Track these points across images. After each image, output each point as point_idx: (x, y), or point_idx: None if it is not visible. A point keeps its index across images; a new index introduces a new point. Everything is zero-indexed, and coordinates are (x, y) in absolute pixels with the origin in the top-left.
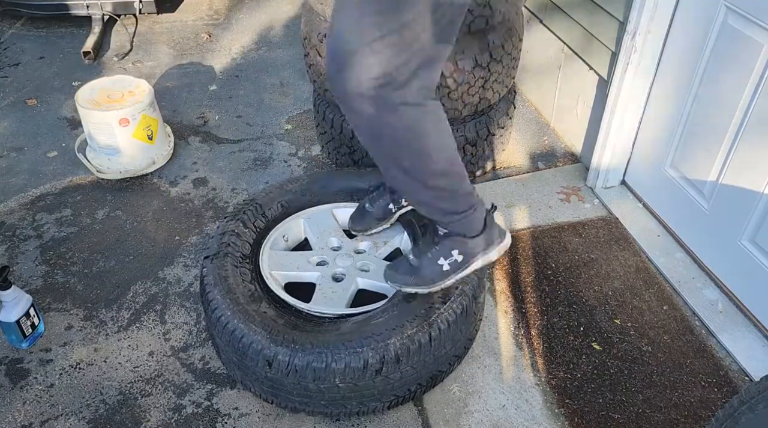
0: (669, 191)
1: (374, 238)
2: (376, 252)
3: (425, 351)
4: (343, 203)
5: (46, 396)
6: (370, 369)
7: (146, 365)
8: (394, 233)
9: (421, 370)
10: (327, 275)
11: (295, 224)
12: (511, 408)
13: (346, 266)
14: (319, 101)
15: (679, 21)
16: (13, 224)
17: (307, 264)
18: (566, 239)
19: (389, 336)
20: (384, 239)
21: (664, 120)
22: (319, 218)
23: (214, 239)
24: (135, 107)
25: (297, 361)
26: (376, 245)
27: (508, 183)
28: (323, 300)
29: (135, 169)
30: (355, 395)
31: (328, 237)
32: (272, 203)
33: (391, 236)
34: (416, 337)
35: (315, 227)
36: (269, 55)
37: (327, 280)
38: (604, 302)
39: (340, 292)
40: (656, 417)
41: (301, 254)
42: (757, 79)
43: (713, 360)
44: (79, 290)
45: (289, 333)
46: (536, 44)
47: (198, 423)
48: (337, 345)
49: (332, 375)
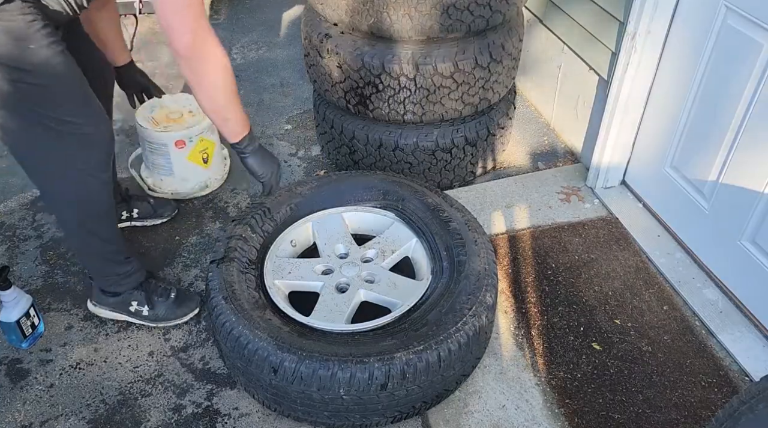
0: (669, 191)
1: (383, 245)
2: (383, 262)
3: (433, 371)
4: (353, 207)
5: (46, 396)
6: (375, 383)
7: (146, 365)
8: (404, 240)
9: (427, 389)
10: (331, 286)
11: (304, 228)
12: (511, 408)
13: (350, 276)
14: (319, 101)
15: (679, 21)
16: (13, 224)
17: (311, 273)
18: (566, 239)
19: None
20: (392, 247)
21: (664, 120)
22: (329, 222)
23: (221, 243)
24: (193, 130)
25: (303, 368)
26: (383, 254)
27: (508, 183)
28: (324, 313)
29: (186, 192)
30: (358, 408)
31: (335, 243)
32: (281, 206)
33: (400, 244)
34: (424, 356)
35: (324, 232)
36: (269, 55)
37: (330, 291)
38: (604, 302)
39: (342, 305)
40: (656, 417)
41: (307, 262)
42: (757, 79)
43: (713, 360)
44: (79, 290)
45: (296, 341)
46: (536, 44)
47: (198, 423)
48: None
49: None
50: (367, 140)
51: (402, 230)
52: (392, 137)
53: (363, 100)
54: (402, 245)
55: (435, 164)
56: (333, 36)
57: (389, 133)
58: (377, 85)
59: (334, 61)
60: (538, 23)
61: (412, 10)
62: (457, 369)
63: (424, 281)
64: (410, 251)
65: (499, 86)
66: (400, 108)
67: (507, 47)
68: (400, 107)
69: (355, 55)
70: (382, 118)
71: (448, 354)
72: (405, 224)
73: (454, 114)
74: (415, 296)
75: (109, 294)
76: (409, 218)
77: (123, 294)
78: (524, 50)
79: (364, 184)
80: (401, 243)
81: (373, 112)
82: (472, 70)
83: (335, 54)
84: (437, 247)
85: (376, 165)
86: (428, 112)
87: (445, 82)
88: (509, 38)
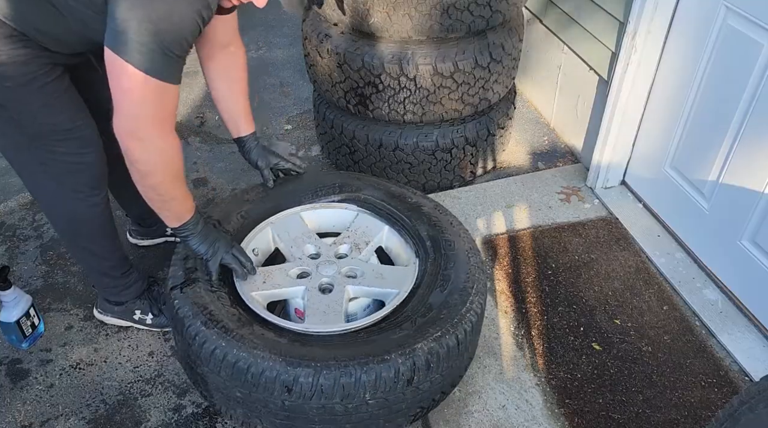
0: (669, 191)
1: (354, 238)
2: (360, 255)
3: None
4: (311, 204)
5: (46, 396)
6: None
7: (146, 365)
8: (374, 230)
9: (447, 377)
10: (314, 288)
11: (263, 234)
12: (511, 408)
13: (331, 274)
14: (319, 101)
15: (679, 21)
16: (13, 224)
17: (286, 278)
18: (566, 239)
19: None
20: (365, 238)
21: (664, 120)
22: (288, 224)
23: (176, 266)
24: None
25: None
26: (357, 247)
27: (508, 183)
28: (318, 316)
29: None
30: (383, 412)
31: (302, 245)
32: (230, 216)
33: (372, 235)
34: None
35: (285, 234)
36: (269, 55)
37: (315, 294)
38: (604, 302)
39: (334, 305)
40: (656, 417)
41: (279, 268)
42: (757, 79)
43: (713, 360)
44: (79, 290)
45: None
46: (536, 44)
47: (198, 423)
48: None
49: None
50: (367, 140)
51: (370, 221)
52: (392, 137)
53: (363, 100)
54: (374, 236)
55: (435, 164)
56: (333, 36)
57: (389, 133)
58: (377, 85)
59: (334, 61)
60: (538, 23)
61: (412, 10)
62: (471, 352)
63: (411, 266)
64: (384, 240)
65: (499, 86)
66: (400, 108)
67: (507, 47)
68: (400, 107)
69: (355, 55)
70: (382, 118)
71: (464, 335)
72: (372, 215)
73: (454, 114)
74: (408, 282)
75: (113, 303)
76: (376, 208)
77: (126, 303)
78: (524, 50)
79: (318, 180)
80: (373, 234)
81: (373, 112)
82: (472, 70)
83: (335, 54)
84: (416, 231)
85: (376, 165)
86: (428, 112)
87: (445, 82)
88: (509, 38)
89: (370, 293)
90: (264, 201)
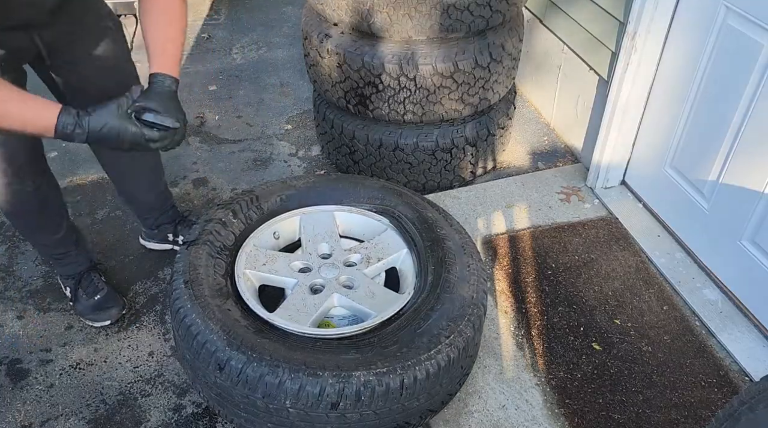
0: (669, 191)
1: (370, 251)
2: (366, 269)
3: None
4: (347, 207)
5: (46, 396)
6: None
7: (146, 365)
8: (393, 249)
9: (384, 417)
10: (304, 285)
11: (290, 221)
12: (511, 408)
13: (328, 278)
14: (319, 101)
15: (679, 21)
16: None
17: (287, 268)
18: (566, 239)
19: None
20: (379, 254)
21: (664, 120)
22: (318, 219)
23: (198, 225)
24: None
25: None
26: (368, 260)
27: (508, 183)
28: (291, 312)
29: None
30: (305, 425)
31: (321, 242)
32: (270, 196)
33: (389, 253)
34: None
35: (311, 228)
36: (269, 55)
37: (302, 290)
38: (604, 302)
39: (311, 307)
40: (656, 417)
41: (286, 256)
42: (757, 79)
43: (713, 360)
44: None
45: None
46: (536, 44)
47: (198, 423)
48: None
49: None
50: (367, 140)
51: (394, 239)
52: (392, 137)
53: (363, 100)
54: (390, 254)
55: (435, 164)
56: (333, 36)
57: (389, 133)
58: (377, 85)
59: (334, 61)
60: (538, 23)
61: (412, 10)
62: (422, 401)
63: (405, 296)
64: (399, 261)
65: (499, 86)
66: (400, 108)
67: (507, 47)
68: (400, 107)
69: (355, 55)
70: (382, 118)
71: (413, 382)
72: (398, 233)
73: (454, 114)
74: (391, 309)
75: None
76: (404, 228)
77: (60, 277)
78: (524, 50)
79: (363, 187)
80: (390, 252)
81: (373, 112)
82: (472, 70)
83: (335, 54)
84: (426, 263)
85: (376, 165)
86: (428, 112)
87: (445, 82)
88: (509, 38)
89: (352, 307)
90: (307, 192)
